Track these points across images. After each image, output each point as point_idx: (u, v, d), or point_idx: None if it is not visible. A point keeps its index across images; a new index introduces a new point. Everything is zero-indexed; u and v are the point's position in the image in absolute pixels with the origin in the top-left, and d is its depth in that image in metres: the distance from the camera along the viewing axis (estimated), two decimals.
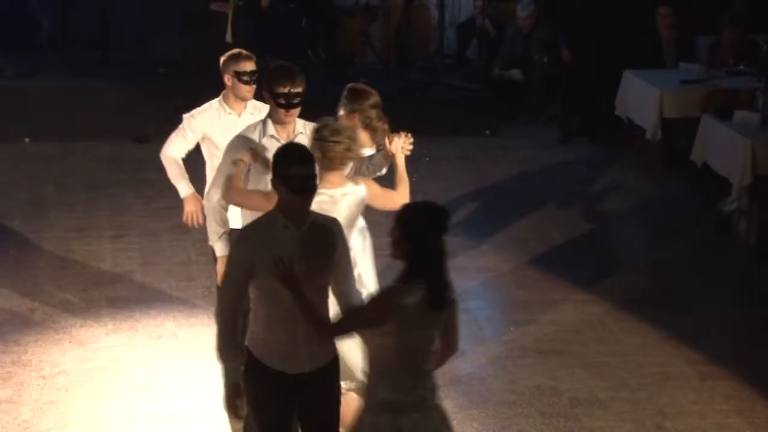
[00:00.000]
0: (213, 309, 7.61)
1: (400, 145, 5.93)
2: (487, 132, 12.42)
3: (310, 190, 4.82)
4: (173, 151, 6.73)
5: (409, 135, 5.99)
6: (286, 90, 5.63)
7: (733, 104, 10.10)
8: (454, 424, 6.47)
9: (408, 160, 5.98)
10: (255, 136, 5.79)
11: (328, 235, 4.94)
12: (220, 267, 5.77)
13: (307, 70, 12.63)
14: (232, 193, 5.67)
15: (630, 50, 11.92)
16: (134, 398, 6.77)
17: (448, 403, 6.77)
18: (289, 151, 4.92)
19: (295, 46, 13.13)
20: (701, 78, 11.08)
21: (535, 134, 12.49)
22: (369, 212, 6.03)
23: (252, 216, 5.47)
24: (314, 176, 4.85)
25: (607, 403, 6.77)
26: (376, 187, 5.85)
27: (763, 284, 8.66)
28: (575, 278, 8.56)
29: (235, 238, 4.98)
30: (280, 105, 5.67)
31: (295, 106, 5.69)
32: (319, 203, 5.33)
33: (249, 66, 6.56)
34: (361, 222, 6.06)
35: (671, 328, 7.77)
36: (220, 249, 5.96)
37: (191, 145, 6.71)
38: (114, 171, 10.74)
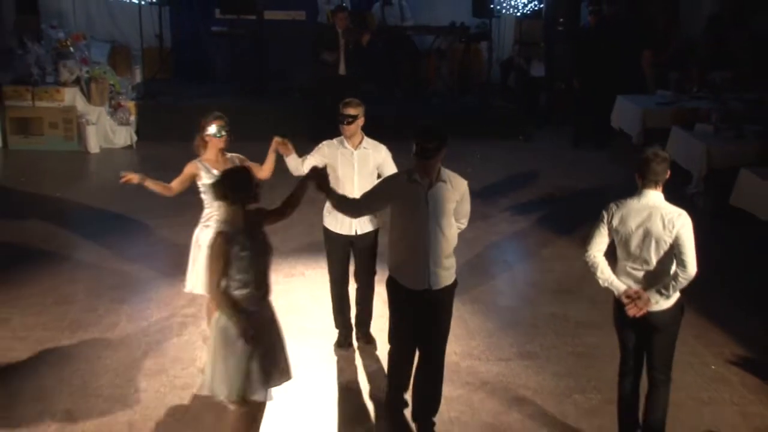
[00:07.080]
0: None
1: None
2: (521, 137, 12.39)
3: None
4: (307, 156, 6.12)
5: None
6: (418, 143, 4.95)
7: (694, 119, 10.01)
8: (494, 340, 6.53)
9: (464, 156, 5.88)
10: (401, 179, 5.14)
11: None
12: None
13: (393, 94, 12.93)
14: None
15: (622, 81, 11.82)
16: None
17: (493, 324, 6.80)
18: None
19: (387, 76, 13.20)
20: (672, 101, 10.98)
21: (555, 139, 12.42)
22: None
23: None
24: None
25: (603, 325, 6.61)
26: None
27: (719, 242, 8.51)
28: (579, 236, 8.36)
29: None
30: (416, 154, 4.98)
31: (426, 158, 4.95)
32: None
33: (348, 110, 5.84)
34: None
35: None
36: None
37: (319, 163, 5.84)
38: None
